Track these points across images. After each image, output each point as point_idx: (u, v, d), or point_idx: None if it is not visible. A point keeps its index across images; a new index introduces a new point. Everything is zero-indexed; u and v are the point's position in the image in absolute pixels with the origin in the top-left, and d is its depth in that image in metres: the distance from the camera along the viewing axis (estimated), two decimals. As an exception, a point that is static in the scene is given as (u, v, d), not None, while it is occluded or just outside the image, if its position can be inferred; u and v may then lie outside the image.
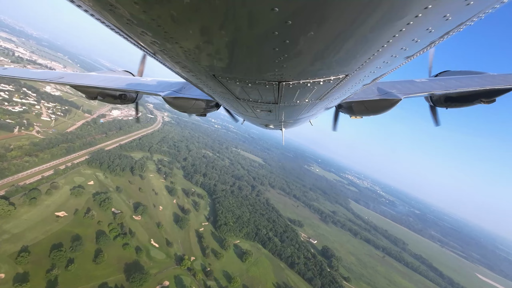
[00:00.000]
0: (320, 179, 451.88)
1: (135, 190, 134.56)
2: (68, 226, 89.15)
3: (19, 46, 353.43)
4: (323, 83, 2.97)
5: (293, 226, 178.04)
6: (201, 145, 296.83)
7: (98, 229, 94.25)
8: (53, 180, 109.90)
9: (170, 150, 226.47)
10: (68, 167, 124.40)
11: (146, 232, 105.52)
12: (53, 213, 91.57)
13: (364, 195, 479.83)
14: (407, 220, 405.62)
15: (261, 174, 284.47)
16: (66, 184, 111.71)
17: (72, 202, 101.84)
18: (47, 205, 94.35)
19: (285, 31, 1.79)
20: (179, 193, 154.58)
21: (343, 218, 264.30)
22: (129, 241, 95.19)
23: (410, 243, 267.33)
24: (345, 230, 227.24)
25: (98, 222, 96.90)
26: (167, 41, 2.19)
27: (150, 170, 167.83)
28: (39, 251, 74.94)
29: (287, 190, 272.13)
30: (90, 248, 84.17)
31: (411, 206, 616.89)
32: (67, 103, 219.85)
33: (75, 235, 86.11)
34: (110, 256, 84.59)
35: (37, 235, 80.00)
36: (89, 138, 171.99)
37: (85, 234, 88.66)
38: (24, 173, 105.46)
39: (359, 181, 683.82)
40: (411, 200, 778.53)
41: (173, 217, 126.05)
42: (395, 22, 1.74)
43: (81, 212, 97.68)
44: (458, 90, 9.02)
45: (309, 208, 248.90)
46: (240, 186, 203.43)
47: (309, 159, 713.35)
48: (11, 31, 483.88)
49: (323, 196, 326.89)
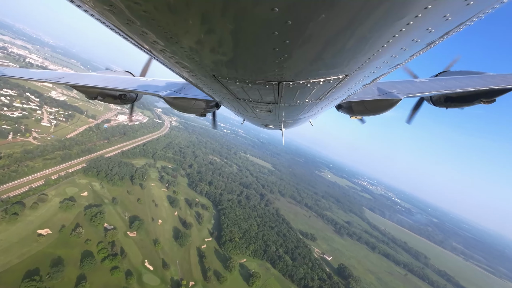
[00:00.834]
0: (332, 185, 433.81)
1: (133, 201, 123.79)
2: (50, 246, 78.37)
3: (33, 53, 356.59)
4: (323, 83, 2.98)
5: (305, 240, 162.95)
6: (208, 151, 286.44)
7: (85, 249, 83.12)
8: (41, 192, 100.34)
9: (175, 156, 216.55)
10: (61, 176, 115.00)
11: (140, 252, 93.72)
12: (35, 231, 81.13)
13: (379, 203, 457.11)
14: (426, 230, 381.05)
15: (271, 181, 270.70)
16: (56, 196, 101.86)
17: (59, 217, 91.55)
18: (29, 221, 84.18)
19: (285, 31, 1.79)
20: (182, 204, 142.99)
21: (359, 229, 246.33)
22: (119, 263, 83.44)
23: (432, 257, 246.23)
24: (362, 244, 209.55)
25: (86, 241, 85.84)
26: (167, 41, 2.19)
27: (152, 178, 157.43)
28: (9, 279, 63.94)
29: (298, 199, 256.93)
30: (71, 274, 72.67)
31: (428, 214, 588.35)
32: (71, 108, 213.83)
33: (56, 258, 75.10)
34: (94, 285, 72.85)
35: (10, 259, 69.21)
36: (90, 145, 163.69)
37: (68, 256, 77.57)
38: (10, 184, 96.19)
39: (372, 187, 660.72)
40: (428, 207, 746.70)
41: (173, 233, 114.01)
42: (395, 22, 1.74)
43: (67, 229, 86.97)
44: (458, 90, 8.99)
45: (322, 219, 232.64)
46: (248, 195, 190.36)
47: (320, 164, 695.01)
48: (28, 39, 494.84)
49: (336, 204, 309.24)
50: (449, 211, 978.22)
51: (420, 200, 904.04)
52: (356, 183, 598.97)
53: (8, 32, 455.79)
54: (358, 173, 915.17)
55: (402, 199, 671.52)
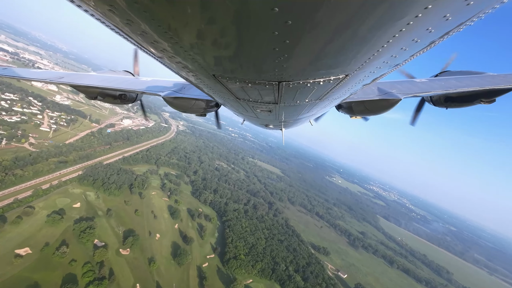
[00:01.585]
0: (343, 191, 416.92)
1: (130, 212, 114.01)
2: (27, 269, 68.62)
3: (44, 58, 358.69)
4: (323, 83, 2.99)
5: (317, 255, 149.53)
6: (215, 156, 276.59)
7: (68, 272, 73.03)
8: (28, 204, 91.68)
9: (179, 162, 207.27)
10: (52, 186, 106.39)
11: (132, 274, 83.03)
12: (12, 251, 71.79)
13: (393, 210, 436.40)
14: (444, 240, 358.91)
15: (280, 188, 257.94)
16: (44, 208, 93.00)
17: (44, 234, 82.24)
18: (8, 239, 75.00)
19: (285, 31, 1.79)
20: (183, 215, 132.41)
21: (374, 240, 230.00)
22: (106, 289, 73.10)
23: (454, 271, 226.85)
24: (378, 257, 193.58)
25: (71, 262, 75.80)
26: (167, 41, 2.19)
27: (153, 186, 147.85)
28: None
29: (309, 207, 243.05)
30: (47, 305, 62.79)
31: (445, 222, 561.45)
32: (74, 112, 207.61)
33: (32, 284, 65.28)
34: (73, 318, 62.61)
35: (-25, 288, 59.99)
36: (89, 150, 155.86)
37: (46, 281, 67.64)
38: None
39: (385, 193, 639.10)
40: (443, 214, 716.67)
41: (172, 249, 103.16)
42: (395, 22, 1.74)
43: (51, 248, 77.36)
44: (458, 90, 9.00)
45: (334, 229, 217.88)
46: (256, 204, 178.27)
47: (330, 169, 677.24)
48: (42, 45, 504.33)
49: (349, 212, 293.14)
50: (465, 218, 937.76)
51: (434, 206, 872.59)
52: (368, 189, 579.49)
53: (23, 39, 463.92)
54: (370, 178, 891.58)
55: (417, 205, 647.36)
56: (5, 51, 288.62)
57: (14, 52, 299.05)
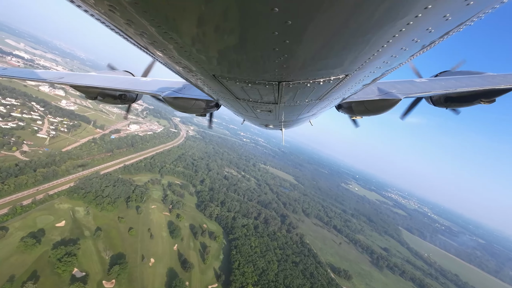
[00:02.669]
0: (361, 200, 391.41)
1: (122, 232, 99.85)
2: (-23, 316, 54.92)
3: (60, 65, 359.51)
4: (323, 83, 2.99)
5: (338, 279, 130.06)
6: (224, 163, 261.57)
7: (31, 316, 58.83)
8: (2, 224, 79.02)
9: (186, 170, 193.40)
10: (36, 201, 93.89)
11: (114, 315, 68.06)
12: (-36, 289, 58.48)
13: (416, 220, 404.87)
14: (475, 256, 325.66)
15: (293, 198, 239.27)
16: (19, 229, 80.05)
17: (12, 263, 68.73)
18: (-36, 272, 61.85)
19: (285, 31, 1.78)
20: (185, 232, 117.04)
21: (399, 258, 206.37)
22: None
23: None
24: (407, 280, 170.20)
25: (37, 302, 61.73)
26: (167, 41, 2.18)
27: (154, 199, 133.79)
28: None
29: (325, 219, 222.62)
30: None
31: (472, 233, 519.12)
32: (78, 118, 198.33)
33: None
34: None
35: None
36: (87, 159, 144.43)
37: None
38: (-40, 215, 75.92)
39: (404, 201, 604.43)
40: (468, 224, 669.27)
41: (167, 278, 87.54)
42: (395, 22, 1.74)
43: (16, 283, 63.57)
44: (458, 90, 8.95)
45: (354, 245, 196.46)
46: (267, 218, 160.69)
47: (346, 175, 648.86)
48: (60, 53, 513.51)
49: (369, 225, 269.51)
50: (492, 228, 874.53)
51: (457, 215, 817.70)
52: (387, 197, 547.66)
53: (42, 47, 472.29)
54: (387, 184, 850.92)
55: (439, 214, 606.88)
56: (21, 57, 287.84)
57: (30, 59, 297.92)
